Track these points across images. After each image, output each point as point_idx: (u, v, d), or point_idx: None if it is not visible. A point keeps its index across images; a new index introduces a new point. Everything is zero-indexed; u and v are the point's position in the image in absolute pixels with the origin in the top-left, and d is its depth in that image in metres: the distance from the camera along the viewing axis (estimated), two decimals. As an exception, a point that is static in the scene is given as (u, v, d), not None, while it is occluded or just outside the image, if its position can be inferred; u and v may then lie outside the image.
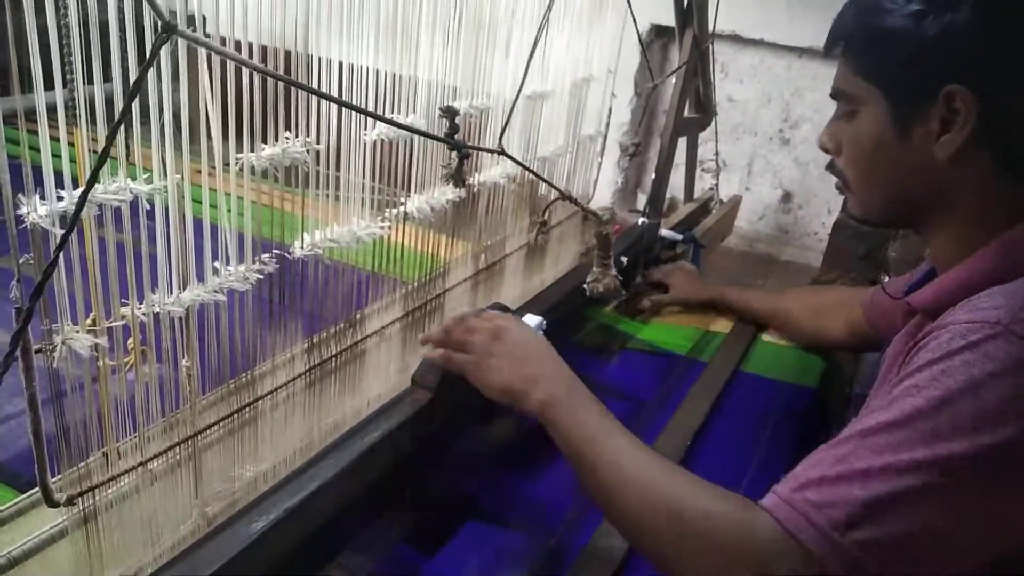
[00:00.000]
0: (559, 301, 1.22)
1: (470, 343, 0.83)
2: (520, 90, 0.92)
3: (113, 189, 0.58)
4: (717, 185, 1.91)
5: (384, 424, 0.85)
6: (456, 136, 0.81)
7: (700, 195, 1.96)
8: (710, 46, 1.63)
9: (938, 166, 0.68)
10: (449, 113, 0.81)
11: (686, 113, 1.65)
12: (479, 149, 0.90)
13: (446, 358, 0.85)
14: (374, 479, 0.83)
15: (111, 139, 0.49)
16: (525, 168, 0.98)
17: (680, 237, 1.59)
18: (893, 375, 0.67)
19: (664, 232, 1.57)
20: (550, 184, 1.04)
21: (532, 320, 1.04)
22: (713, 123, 1.84)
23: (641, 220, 1.51)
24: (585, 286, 1.17)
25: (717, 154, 1.90)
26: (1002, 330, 0.58)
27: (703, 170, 1.92)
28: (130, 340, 0.64)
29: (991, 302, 0.61)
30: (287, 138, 0.72)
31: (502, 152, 0.89)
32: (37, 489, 0.60)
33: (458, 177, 0.81)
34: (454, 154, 0.80)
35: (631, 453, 0.68)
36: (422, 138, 0.90)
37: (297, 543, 0.74)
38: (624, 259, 1.36)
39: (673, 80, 1.52)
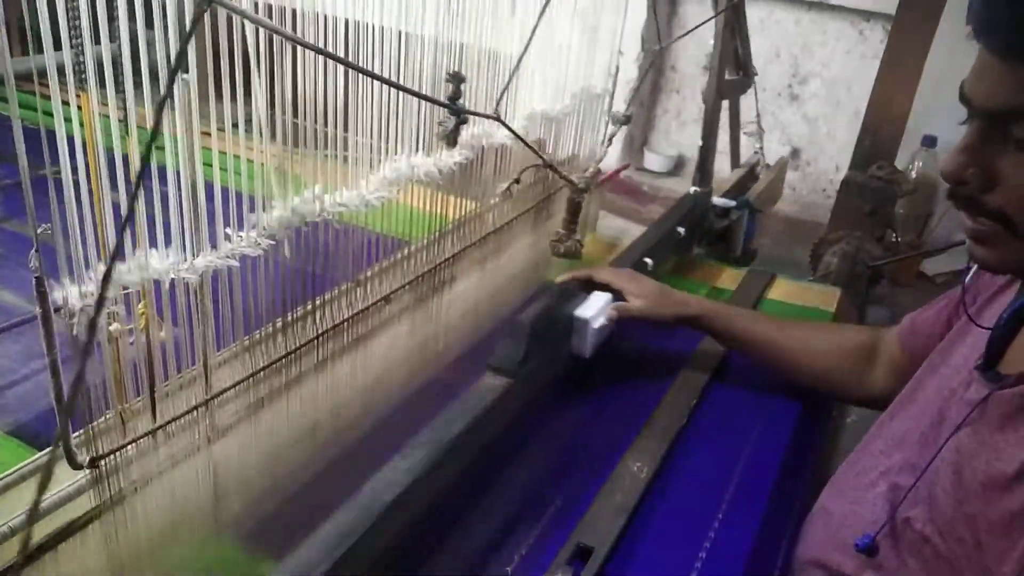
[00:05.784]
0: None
1: None
2: (524, 52, 0.92)
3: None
4: (762, 148, 1.85)
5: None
6: (459, 101, 0.82)
7: (746, 160, 1.91)
8: (744, 1, 1.54)
9: None
10: (456, 80, 0.82)
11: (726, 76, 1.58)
12: (478, 115, 0.91)
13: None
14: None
15: (159, 114, 0.48)
16: (517, 136, 0.98)
17: (734, 204, 1.54)
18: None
19: (716, 200, 1.53)
20: (532, 148, 1.03)
21: (600, 298, 1.03)
22: (753, 84, 1.78)
23: (693, 189, 1.49)
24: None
25: (759, 116, 1.85)
26: None
27: (744, 133, 1.87)
28: (140, 305, 0.64)
29: None
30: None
31: (498, 119, 0.90)
32: (51, 448, 0.61)
33: (452, 139, 0.82)
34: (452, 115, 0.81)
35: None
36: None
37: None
38: (681, 229, 1.36)
39: (682, 41, 1.49)
